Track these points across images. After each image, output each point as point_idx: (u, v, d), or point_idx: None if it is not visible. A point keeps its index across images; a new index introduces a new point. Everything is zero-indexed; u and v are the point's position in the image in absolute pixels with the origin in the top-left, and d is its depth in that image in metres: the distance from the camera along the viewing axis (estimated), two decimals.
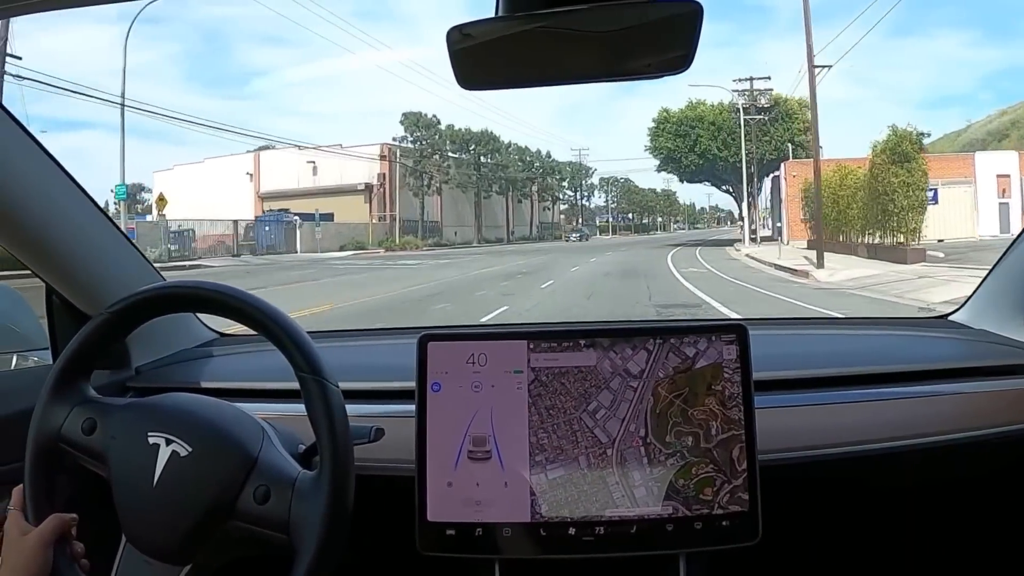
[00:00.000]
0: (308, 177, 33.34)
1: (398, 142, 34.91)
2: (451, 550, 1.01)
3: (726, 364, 1.03)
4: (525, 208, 44.36)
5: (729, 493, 1.01)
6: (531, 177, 41.71)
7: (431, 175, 34.59)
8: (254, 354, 1.39)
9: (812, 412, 1.17)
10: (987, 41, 79.21)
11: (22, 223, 1.13)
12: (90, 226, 1.25)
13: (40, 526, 0.87)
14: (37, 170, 1.13)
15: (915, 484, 1.25)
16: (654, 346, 1.03)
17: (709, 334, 1.04)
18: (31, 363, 1.47)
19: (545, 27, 0.89)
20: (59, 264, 1.21)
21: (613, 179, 55.18)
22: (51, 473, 0.92)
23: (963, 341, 1.36)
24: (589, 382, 1.02)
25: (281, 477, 0.89)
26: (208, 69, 61.99)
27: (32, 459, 0.92)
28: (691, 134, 31.59)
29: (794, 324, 1.69)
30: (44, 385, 0.94)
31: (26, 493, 0.91)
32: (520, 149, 41.06)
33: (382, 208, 33.86)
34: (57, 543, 0.87)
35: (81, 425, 0.92)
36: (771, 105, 30.22)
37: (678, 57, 0.92)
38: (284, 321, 0.92)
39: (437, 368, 1.03)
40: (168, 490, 0.88)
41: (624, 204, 57.44)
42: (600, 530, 1.00)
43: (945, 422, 1.16)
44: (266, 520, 0.87)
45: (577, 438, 1.01)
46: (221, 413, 0.95)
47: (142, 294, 0.96)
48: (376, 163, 33.76)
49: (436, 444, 1.02)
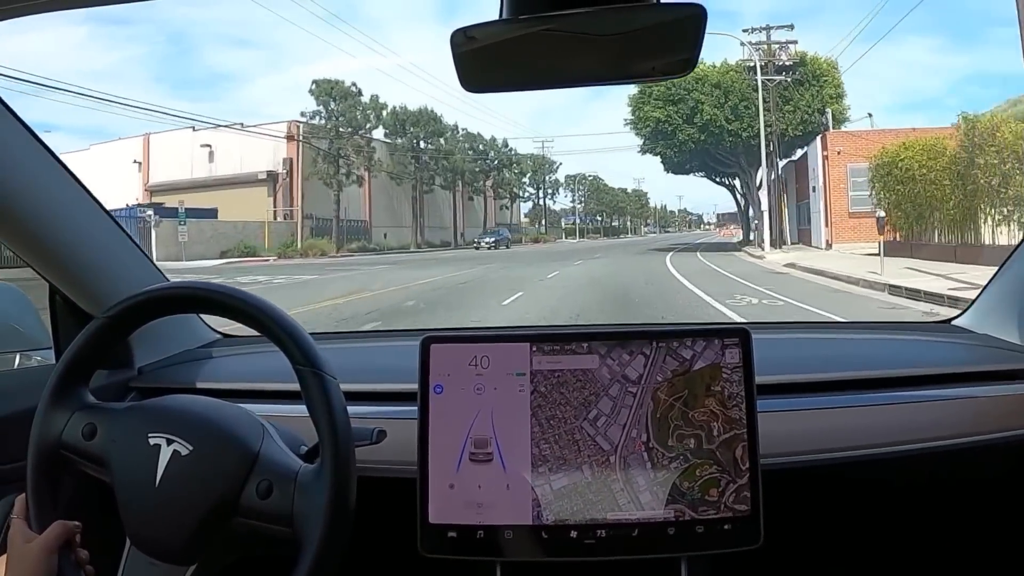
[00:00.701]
0: (203, 164, 27.05)
1: (308, 118, 27.14)
2: (453, 552, 1.01)
3: (724, 365, 1.03)
4: (478, 206, 37.01)
5: (735, 492, 1.00)
6: (484, 169, 34.68)
7: (350, 160, 26.92)
8: (257, 355, 1.39)
9: (815, 416, 1.16)
10: (953, 48, 79.41)
11: (25, 222, 1.13)
12: (93, 225, 1.25)
13: (44, 533, 0.87)
14: (40, 169, 1.13)
15: (919, 489, 1.25)
16: (651, 350, 1.03)
17: (708, 337, 1.04)
18: (34, 363, 1.48)
19: (549, 30, 0.89)
20: (61, 263, 1.22)
21: (581, 176, 48.64)
22: (53, 480, 0.93)
23: (967, 346, 1.36)
24: (589, 390, 1.02)
25: (283, 471, 0.89)
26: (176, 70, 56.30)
27: (34, 467, 0.92)
28: (688, 99, 22.68)
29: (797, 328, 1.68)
30: (43, 392, 0.94)
31: (29, 501, 0.91)
32: (471, 135, 33.66)
33: (288, 202, 27.10)
34: (62, 550, 0.87)
35: (81, 430, 0.92)
36: (795, 63, 22.71)
37: (682, 60, 0.93)
38: (278, 315, 0.92)
39: (439, 370, 1.03)
40: (171, 489, 0.88)
41: (593, 204, 51.33)
42: (602, 533, 1.00)
43: (949, 426, 1.16)
44: (270, 515, 0.88)
45: (579, 447, 1.01)
46: (221, 412, 0.95)
47: (136, 298, 0.96)
48: (283, 145, 26.77)
49: (438, 446, 1.02)
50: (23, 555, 0.86)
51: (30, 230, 1.14)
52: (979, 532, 1.34)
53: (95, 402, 0.96)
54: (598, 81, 1.00)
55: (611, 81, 0.99)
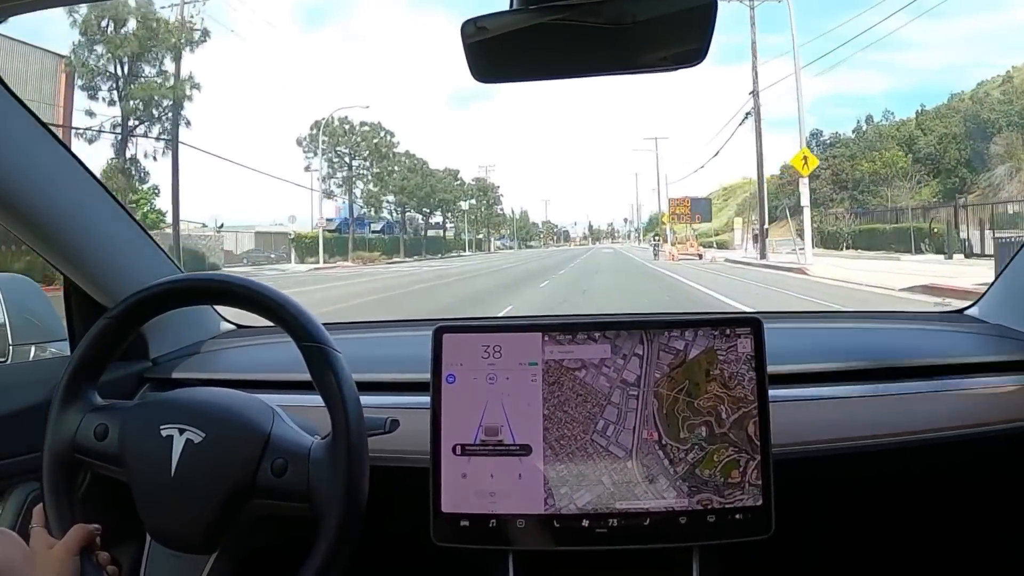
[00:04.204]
0: None
1: None
2: (466, 541, 1.02)
3: (718, 348, 1.03)
4: None
5: (757, 469, 1.01)
6: None
7: None
8: (271, 345, 1.40)
9: (828, 406, 1.16)
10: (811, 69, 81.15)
11: (38, 215, 1.14)
12: (106, 217, 1.26)
13: (64, 538, 0.88)
14: (52, 161, 1.14)
15: (931, 479, 1.25)
16: (644, 351, 1.03)
17: (720, 326, 1.03)
18: (48, 354, 1.49)
19: (560, 20, 0.89)
20: (75, 256, 1.22)
21: (341, 122, 28.14)
22: (70, 484, 0.93)
23: (979, 336, 1.35)
24: (592, 402, 1.02)
25: (296, 448, 0.90)
26: None
27: (50, 472, 0.92)
28: None
29: (808, 317, 1.67)
30: (54, 397, 0.95)
31: (46, 506, 0.92)
32: None
33: None
34: (83, 553, 0.89)
35: (94, 431, 0.93)
36: None
37: (692, 50, 0.92)
38: (280, 296, 0.94)
39: (452, 360, 1.04)
40: (187, 478, 0.89)
41: (382, 189, 29.85)
42: (613, 522, 1.01)
43: (961, 417, 1.16)
44: (286, 492, 0.89)
45: (595, 461, 1.01)
46: (230, 398, 0.97)
47: (137, 296, 0.97)
48: None
49: (451, 435, 1.03)
50: (47, 560, 0.87)
51: (43, 223, 1.15)
52: (993, 522, 1.34)
53: (105, 402, 0.97)
54: (608, 71, 1.00)
55: (621, 71, 0.99)
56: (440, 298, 12.27)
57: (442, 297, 12.56)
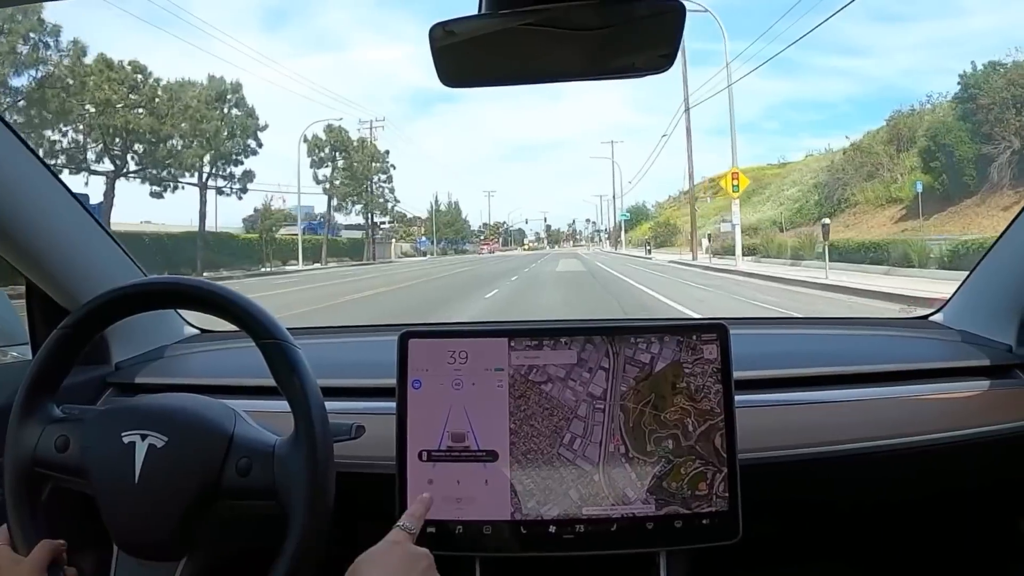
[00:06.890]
0: None
1: None
2: (432, 548, 1.00)
3: (684, 361, 1.03)
4: None
5: (724, 481, 1.01)
6: None
7: None
8: (234, 350, 1.38)
9: (792, 412, 1.17)
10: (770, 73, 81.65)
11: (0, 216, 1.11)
12: (69, 220, 1.23)
13: (30, 556, 0.86)
14: (14, 162, 1.12)
15: (894, 484, 1.26)
16: (610, 364, 1.03)
17: (686, 332, 1.04)
18: (9, 359, 1.46)
19: (528, 24, 0.89)
20: (37, 259, 1.20)
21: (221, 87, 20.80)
22: (33, 499, 0.91)
23: (944, 342, 1.37)
24: (558, 416, 1.02)
25: (259, 447, 0.89)
26: None
27: (12, 488, 0.90)
28: None
29: (774, 324, 1.69)
30: (12, 412, 0.92)
31: (10, 524, 0.89)
32: None
33: None
34: (50, 569, 0.87)
35: (55, 443, 0.91)
36: None
37: (661, 56, 0.93)
38: (235, 296, 0.93)
39: (418, 365, 1.03)
40: (151, 483, 0.87)
41: None
42: (580, 528, 1.01)
43: (925, 422, 1.17)
44: (252, 491, 0.88)
45: (562, 475, 1.01)
46: (191, 401, 0.95)
47: (93, 303, 0.95)
48: None
49: (416, 441, 1.02)
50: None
51: (4, 224, 1.13)
52: (954, 527, 1.36)
53: (64, 413, 0.95)
54: (577, 77, 1.00)
55: (590, 77, 0.99)
56: None
57: None
